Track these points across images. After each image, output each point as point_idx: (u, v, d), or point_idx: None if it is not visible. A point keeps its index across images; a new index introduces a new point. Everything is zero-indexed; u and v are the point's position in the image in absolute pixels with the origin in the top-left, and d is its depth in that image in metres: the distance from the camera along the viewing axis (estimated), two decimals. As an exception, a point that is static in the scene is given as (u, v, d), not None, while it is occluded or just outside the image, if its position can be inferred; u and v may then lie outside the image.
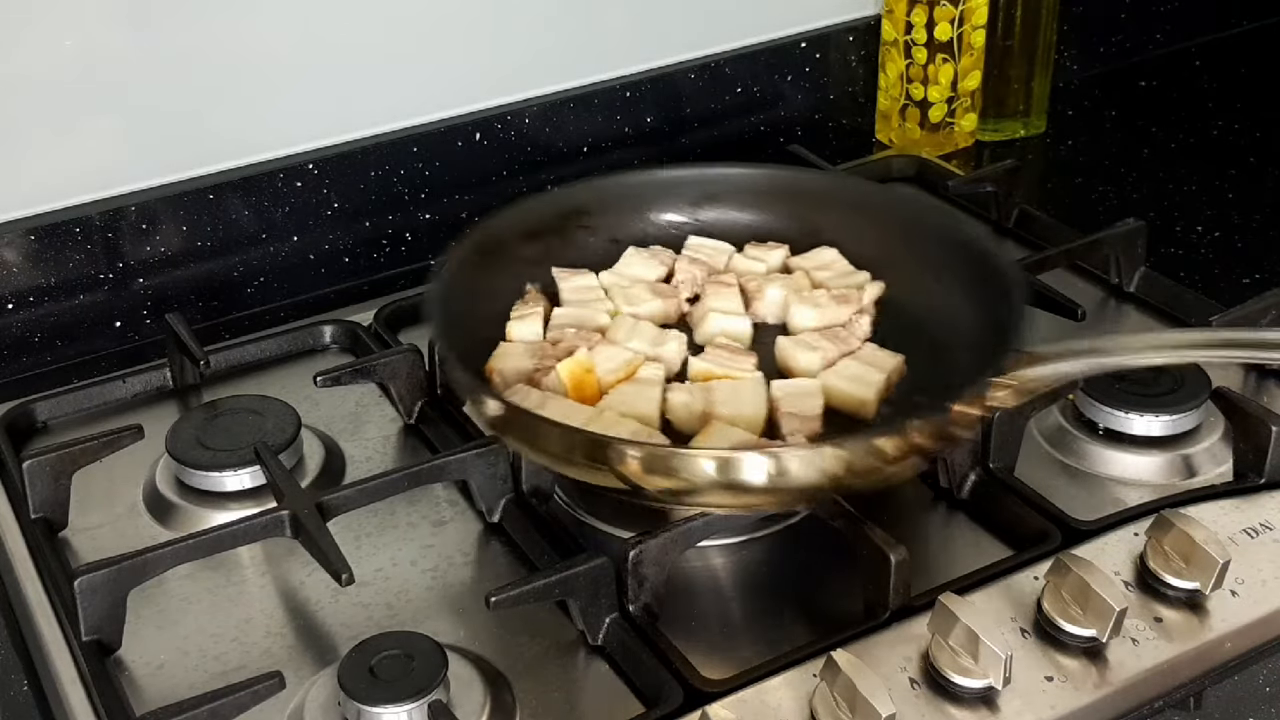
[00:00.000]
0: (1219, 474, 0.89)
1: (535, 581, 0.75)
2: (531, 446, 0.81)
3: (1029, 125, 1.34)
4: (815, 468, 0.75)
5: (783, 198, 1.03)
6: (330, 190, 1.13)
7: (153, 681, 0.77)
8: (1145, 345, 0.83)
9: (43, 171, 1.03)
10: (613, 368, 0.87)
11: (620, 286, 0.96)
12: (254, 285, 1.12)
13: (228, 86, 1.08)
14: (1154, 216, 1.13)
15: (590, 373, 0.87)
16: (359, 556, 0.84)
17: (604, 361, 0.88)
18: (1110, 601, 0.73)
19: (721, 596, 0.82)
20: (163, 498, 0.89)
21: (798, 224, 1.02)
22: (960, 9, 1.23)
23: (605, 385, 0.87)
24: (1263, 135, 1.33)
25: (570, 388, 0.86)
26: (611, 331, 0.92)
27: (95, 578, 0.76)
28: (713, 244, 1.01)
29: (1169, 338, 0.84)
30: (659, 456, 0.75)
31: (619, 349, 0.89)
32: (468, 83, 1.17)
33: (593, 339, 0.91)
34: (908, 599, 0.77)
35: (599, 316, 0.94)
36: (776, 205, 1.02)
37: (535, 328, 0.92)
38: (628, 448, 0.75)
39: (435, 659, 0.71)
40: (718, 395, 0.85)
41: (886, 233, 0.99)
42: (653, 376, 0.87)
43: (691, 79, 1.25)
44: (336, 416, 0.97)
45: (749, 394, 0.86)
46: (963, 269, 0.93)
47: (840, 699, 0.69)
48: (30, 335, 1.05)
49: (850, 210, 1.01)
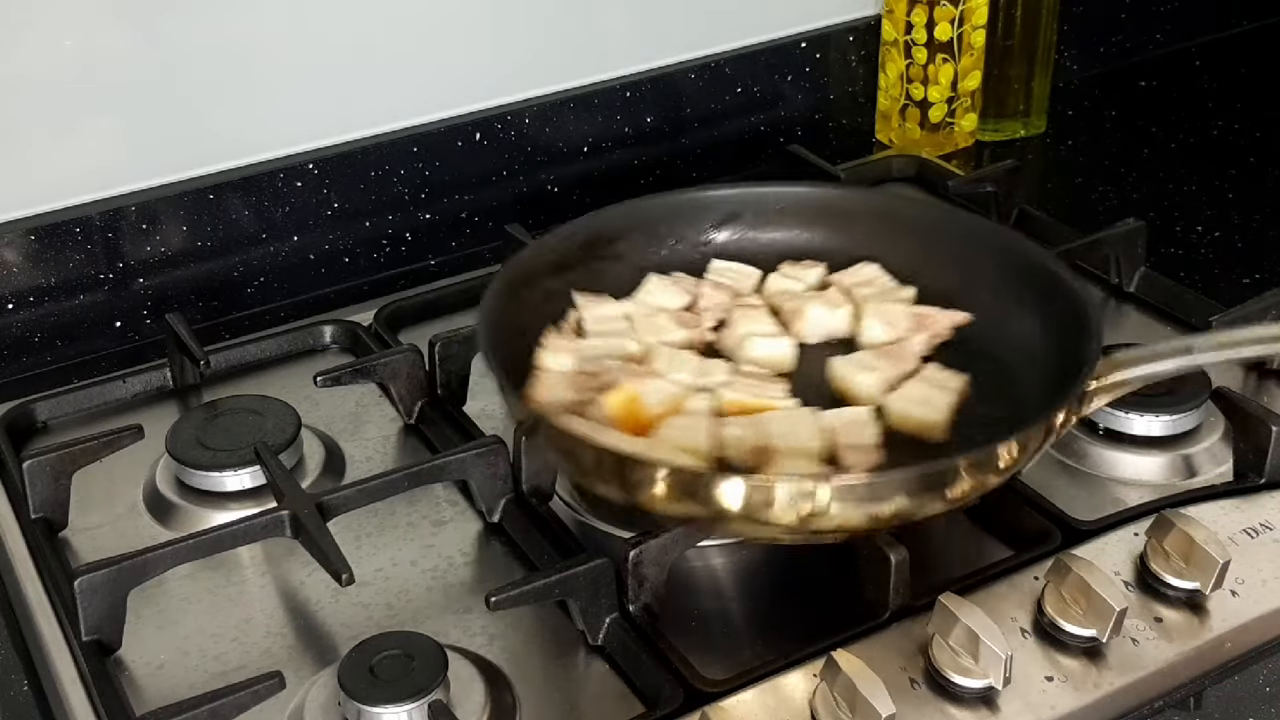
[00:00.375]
0: (1219, 474, 0.89)
1: (535, 581, 0.75)
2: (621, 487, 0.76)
3: (1029, 125, 1.34)
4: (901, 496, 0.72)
5: (818, 215, 0.99)
6: (330, 190, 1.13)
7: (153, 681, 0.77)
8: (1230, 341, 0.81)
9: (43, 171, 1.03)
10: (659, 400, 0.84)
11: (643, 316, 0.92)
12: (254, 285, 1.12)
13: (228, 86, 1.08)
14: (1154, 216, 1.13)
15: (637, 404, 0.83)
16: (359, 556, 0.84)
17: (650, 394, 0.84)
18: (1110, 601, 0.73)
19: (721, 596, 0.82)
20: (163, 498, 0.89)
21: (834, 241, 0.98)
22: (960, 9, 1.23)
23: (652, 418, 0.83)
24: (1263, 135, 1.33)
25: (618, 420, 0.82)
26: (652, 362, 0.88)
27: (95, 578, 0.76)
28: (737, 268, 0.97)
29: (1252, 333, 0.83)
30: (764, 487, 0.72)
31: (663, 382, 0.85)
32: (468, 83, 1.17)
33: (634, 370, 0.87)
34: (908, 599, 0.77)
35: (628, 346, 0.89)
36: (809, 222, 0.99)
37: (567, 359, 0.88)
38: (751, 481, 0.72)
39: (435, 659, 0.71)
40: (774, 428, 0.81)
41: (932, 250, 0.95)
42: (700, 409, 0.84)
43: (691, 79, 1.25)
44: (336, 416, 0.97)
45: (805, 425, 0.81)
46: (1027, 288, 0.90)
47: (840, 699, 0.69)
48: (30, 335, 1.05)
49: (885, 225, 0.98)
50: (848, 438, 0.80)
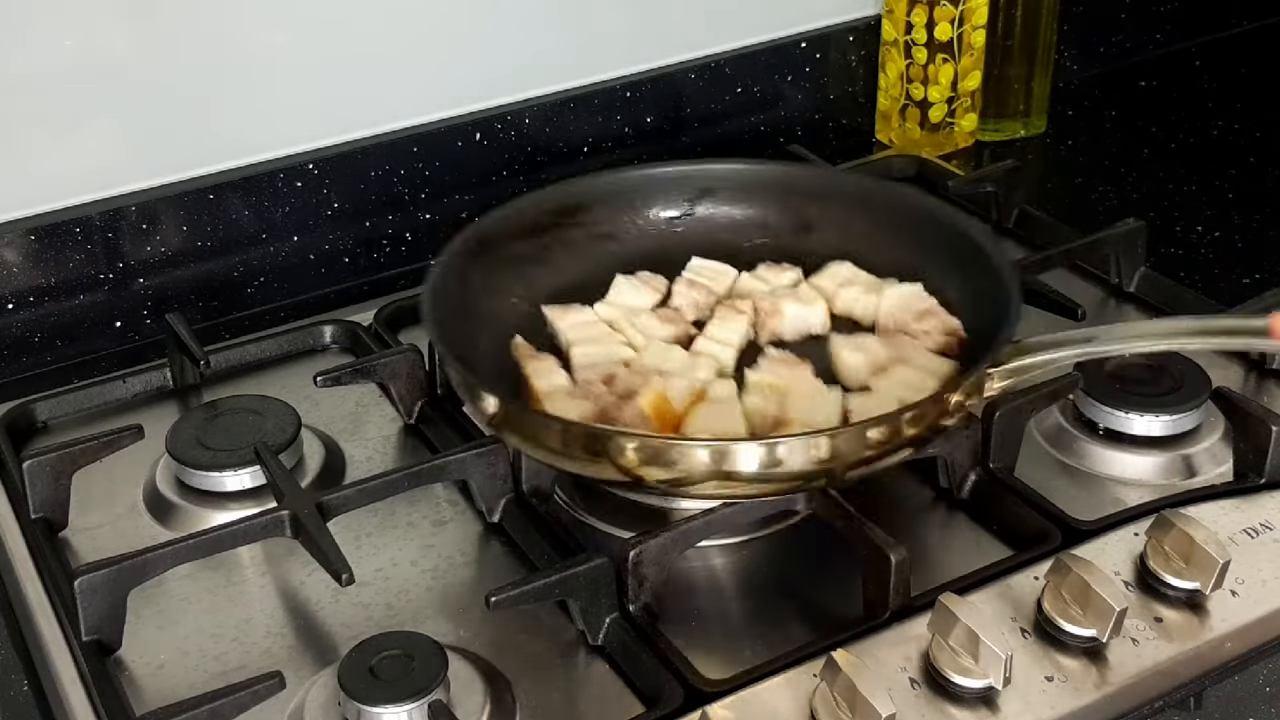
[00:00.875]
0: (1219, 474, 0.89)
1: (535, 581, 0.75)
2: (535, 443, 0.80)
3: (1029, 125, 1.34)
4: (805, 455, 0.75)
5: (775, 192, 1.02)
6: (330, 190, 1.13)
7: (153, 681, 0.77)
8: (1135, 334, 0.84)
9: (43, 171, 1.03)
10: (681, 393, 0.85)
11: (626, 319, 0.94)
12: (254, 285, 1.12)
13: (228, 86, 1.08)
14: (1154, 216, 1.13)
15: (668, 402, 0.85)
16: (359, 556, 0.84)
17: (673, 390, 0.85)
18: (1110, 601, 0.73)
19: (721, 596, 0.82)
20: (163, 498, 0.89)
21: (791, 217, 1.01)
22: (960, 9, 1.23)
23: (681, 412, 0.85)
24: (1263, 135, 1.33)
25: (655, 419, 0.83)
26: (652, 360, 0.89)
27: (95, 578, 0.76)
28: (714, 266, 0.99)
29: (1157, 326, 0.84)
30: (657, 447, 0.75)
31: (681, 379, 0.87)
32: (468, 83, 1.17)
33: (647, 370, 0.88)
34: (908, 599, 0.77)
35: (622, 350, 0.91)
36: (769, 200, 1.02)
37: (560, 376, 0.88)
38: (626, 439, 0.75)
39: (435, 659, 0.71)
40: (792, 402, 0.84)
41: (880, 226, 0.99)
42: (727, 394, 0.86)
43: (691, 79, 1.25)
44: (336, 416, 0.97)
45: (824, 403, 0.84)
46: (958, 263, 0.93)
47: (840, 699, 0.69)
48: (30, 335, 1.05)
49: (843, 204, 1.01)
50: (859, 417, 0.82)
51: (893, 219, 0.99)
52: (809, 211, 1.01)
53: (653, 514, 0.85)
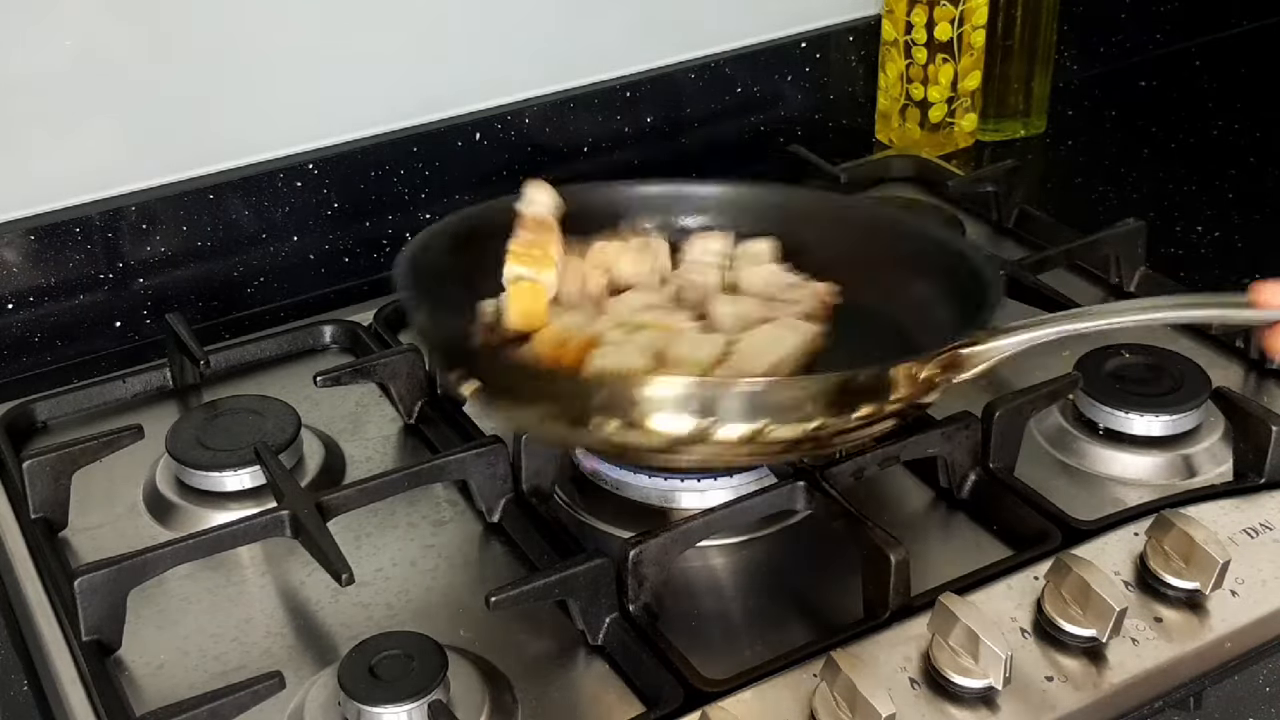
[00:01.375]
0: (1219, 474, 0.89)
1: (535, 581, 0.75)
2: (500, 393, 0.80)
3: (1029, 125, 1.34)
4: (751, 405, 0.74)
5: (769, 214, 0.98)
6: (330, 190, 1.13)
7: (153, 681, 0.77)
8: (1115, 311, 0.82)
9: (43, 171, 1.03)
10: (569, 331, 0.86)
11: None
12: (254, 285, 1.12)
13: (228, 86, 1.08)
14: (1154, 216, 1.13)
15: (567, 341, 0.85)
16: (359, 556, 0.84)
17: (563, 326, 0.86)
18: (1110, 601, 0.73)
19: (721, 596, 0.82)
20: (163, 498, 0.89)
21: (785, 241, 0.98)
22: (960, 9, 1.23)
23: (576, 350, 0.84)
24: (1263, 135, 1.33)
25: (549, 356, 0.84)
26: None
27: (95, 578, 0.76)
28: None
29: (1139, 303, 0.83)
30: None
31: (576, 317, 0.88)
32: (468, 83, 1.17)
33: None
34: (908, 599, 0.77)
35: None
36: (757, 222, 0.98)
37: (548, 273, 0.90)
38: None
39: (435, 659, 0.71)
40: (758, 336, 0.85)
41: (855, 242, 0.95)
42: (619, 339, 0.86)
43: (691, 79, 1.25)
44: (336, 416, 0.97)
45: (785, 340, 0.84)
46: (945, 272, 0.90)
47: (840, 699, 0.69)
48: (30, 335, 1.05)
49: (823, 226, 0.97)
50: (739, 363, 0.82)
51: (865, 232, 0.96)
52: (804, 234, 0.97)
53: (653, 514, 0.85)
